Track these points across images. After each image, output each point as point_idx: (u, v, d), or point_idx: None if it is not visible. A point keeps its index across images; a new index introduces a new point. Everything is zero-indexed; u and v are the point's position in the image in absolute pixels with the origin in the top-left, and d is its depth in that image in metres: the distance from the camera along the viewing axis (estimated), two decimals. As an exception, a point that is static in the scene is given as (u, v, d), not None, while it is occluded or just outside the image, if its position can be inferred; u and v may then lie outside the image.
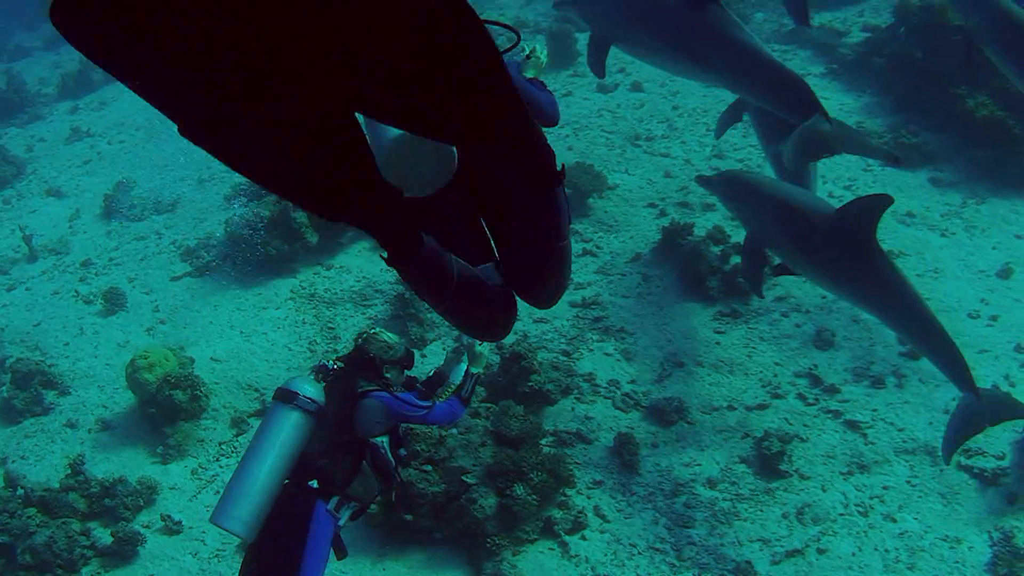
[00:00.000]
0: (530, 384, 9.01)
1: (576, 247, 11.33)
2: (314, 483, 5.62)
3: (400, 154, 3.42)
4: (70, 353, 11.34)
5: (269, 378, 10.13)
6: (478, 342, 6.34)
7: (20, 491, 8.95)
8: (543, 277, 3.74)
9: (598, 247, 11.42)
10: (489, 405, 8.80)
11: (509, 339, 9.78)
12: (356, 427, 5.75)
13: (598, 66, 9.76)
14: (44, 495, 8.87)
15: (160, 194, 14.61)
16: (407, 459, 7.67)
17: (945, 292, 10.09)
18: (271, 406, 5.65)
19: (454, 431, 8.39)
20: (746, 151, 12.81)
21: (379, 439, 5.89)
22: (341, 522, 5.73)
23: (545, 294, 3.85)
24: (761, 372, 9.41)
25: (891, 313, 8.07)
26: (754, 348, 9.69)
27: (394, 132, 3.37)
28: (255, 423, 9.57)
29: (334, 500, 5.66)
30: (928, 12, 13.07)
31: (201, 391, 9.84)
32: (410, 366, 6.21)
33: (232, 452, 9.47)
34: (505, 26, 4.22)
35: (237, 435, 9.66)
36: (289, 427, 5.52)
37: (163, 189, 14.83)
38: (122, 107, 19.43)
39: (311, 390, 5.64)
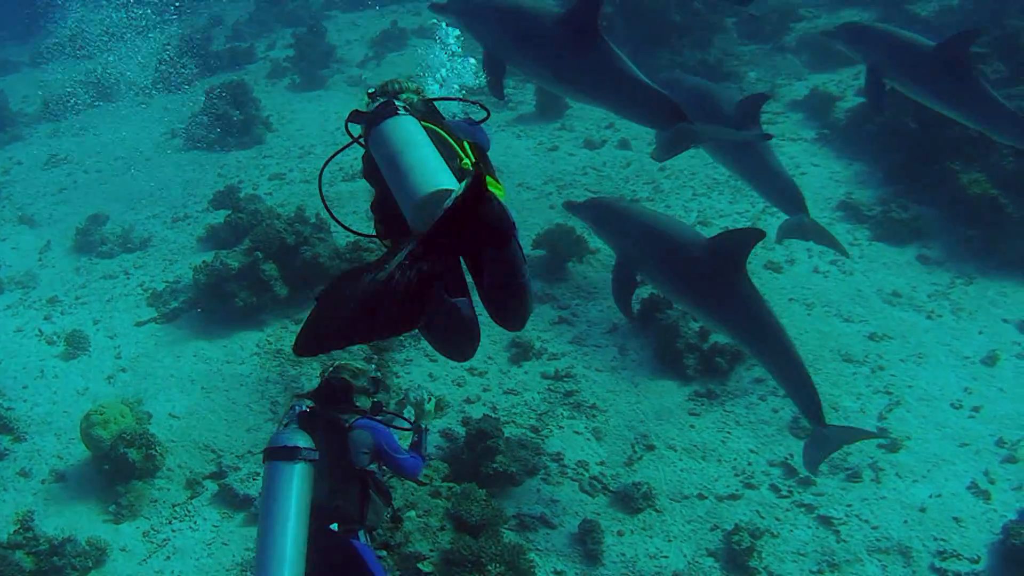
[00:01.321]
0: (495, 466, 8.69)
1: (552, 314, 11.14)
2: (334, 526, 5.65)
3: (424, 208, 4.06)
4: (28, 397, 10.98)
5: (227, 439, 9.80)
6: (427, 398, 6.61)
7: (-37, 548, 8.61)
8: (509, 305, 4.49)
9: (575, 315, 11.14)
10: (451, 485, 8.48)
11: (476, 413, 9.54)
12: (353, 460, 5.81)
13: (495, 87, 10.12)
14: (-12, 554, 8.51)
15: (133, 231, 14.27)
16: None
17: (928, 379, 9.83)
18: (270, 467, 5.54)
19: (411, 513, 8.07)
20: (732, 218, 12.57)
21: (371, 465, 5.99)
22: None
23: (511, 320, 4.58)
24: (735, 459, 9.10)
25: (756, 345, 8.55)
26: (729, 433, 9.40)
27: (420, 193, 4.11)
28: (209, 486, 9.33)
29: (361, 533, 5.76)
30: None
31: (156, 450, 9.47)
32: (378, 390, 6.31)
33: (185, 515, 9.10)
34: (474, 102, 5.51)
35: (191, 497, 9.29)
36: (299, 482, 5.48)
37: (136, 225, 14.51)
38: (103, 134, 19.25)
39: (305, 440, 5.61)
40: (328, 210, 5.06)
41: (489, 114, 5.21)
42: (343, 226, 4.85)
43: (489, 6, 10.08)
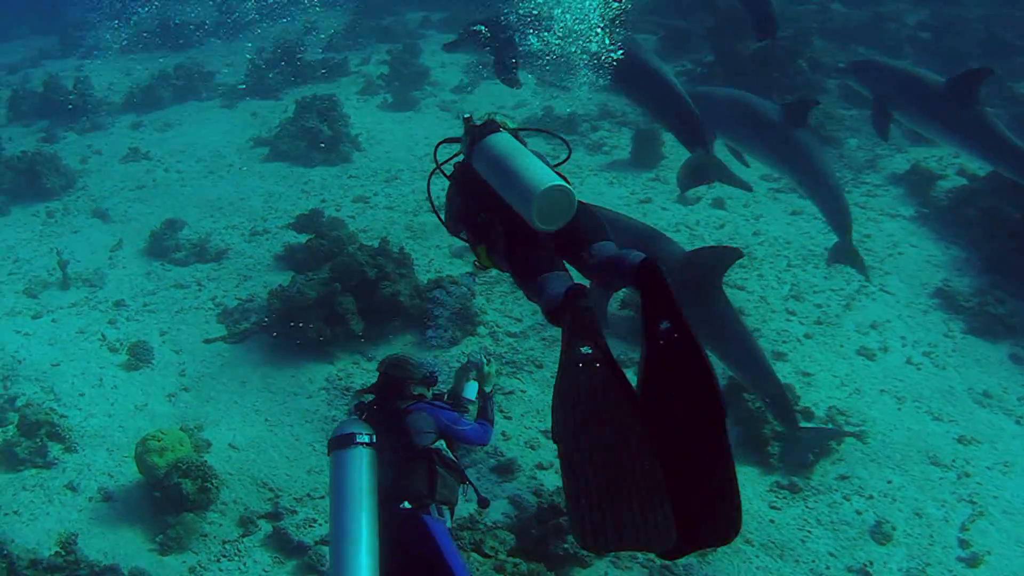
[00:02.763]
0: (565, 546, 8.13)
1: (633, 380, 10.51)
2: (405, 504, 5.93)
3: (546, 204, 4.90)
4: (84, 406, 10.61)
5: (287, 479, 9.32)
6: (485, 361, 7.07)
7: (3, 562, 8.21)
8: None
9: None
10: (516, 561, 7.93)
11: (549, 482, 9.02)
12: (414, 440, 6.13)
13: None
14: (28, 574, 8.12)
15: (209, 240, 13.91)
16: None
17: (1013, 491, 9.19)
18: (334, 457, 5.87)
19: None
20: (826, 294, 12.02)
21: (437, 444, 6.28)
22: (448, 524, 6.05)
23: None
24: (813, 561, 8.48)
25: (732, 359, 9.06)
26: (809, 533, 8.76)
27: (542, 187, 4.90)
28: (264, 526, 8.84)
29: (432, 508, 5.99)
30: None
31: (212, 483, 9.02)
32: (434, 383, 6.75)
33: (235, 555, 8.62)
34: (554, 134, 6.55)
35: (243, 535, 8.79)
36: (359, 466, 5.79)
37: (212, 235, 14.15)
38: (186, 133, 18.99)
39: (362, 427, 5.95)
40: (435, 211, 6.13)
41: (571, 152, 6.09)
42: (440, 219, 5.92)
43: None
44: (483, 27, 10.67)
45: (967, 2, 22.97)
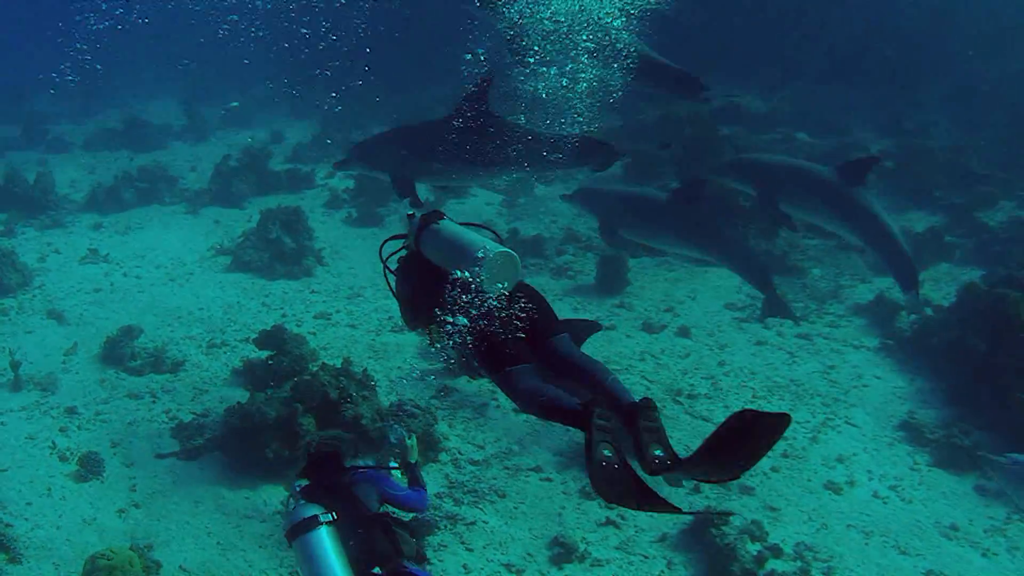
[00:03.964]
0: None
1: (599, 514, 10.35)
2: (376, 570, 6.16)
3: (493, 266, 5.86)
4: (31, 515, 10.24)
5: (238, 607, 9.05)
6: (407, 435, 7.60)
7: None
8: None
9: (622, 517, 10.39)
10: None
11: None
12: (366, 507, 6.53)
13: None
14: None
15: (166, 350, 13.66)
16: None
17: (980, 626, 9.12)
18: (299, 543, 6.15)
19: None
20: (791, 427, 11.91)
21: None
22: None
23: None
24: None
25: None
26: None
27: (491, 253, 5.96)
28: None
29: (405, 563, 6.28)
30: (997, 300, 12.47)
31: (160, 609, 8.76)
32: (358, 452, 7.71)
33: None
34: (493, 231, 6.91)
35: (190, 664, 8.53)
36: (330, 543, 6.09)
37: (170, 345, 13.91)
38: (147, 237, 18.87)
39: (317, 508, 6.28)
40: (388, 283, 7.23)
41: (502, 240, 6.74)
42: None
43: None
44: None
45: (932, 132, 23.58)
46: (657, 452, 5.13)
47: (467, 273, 5.93)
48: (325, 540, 6.06)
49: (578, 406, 5.24)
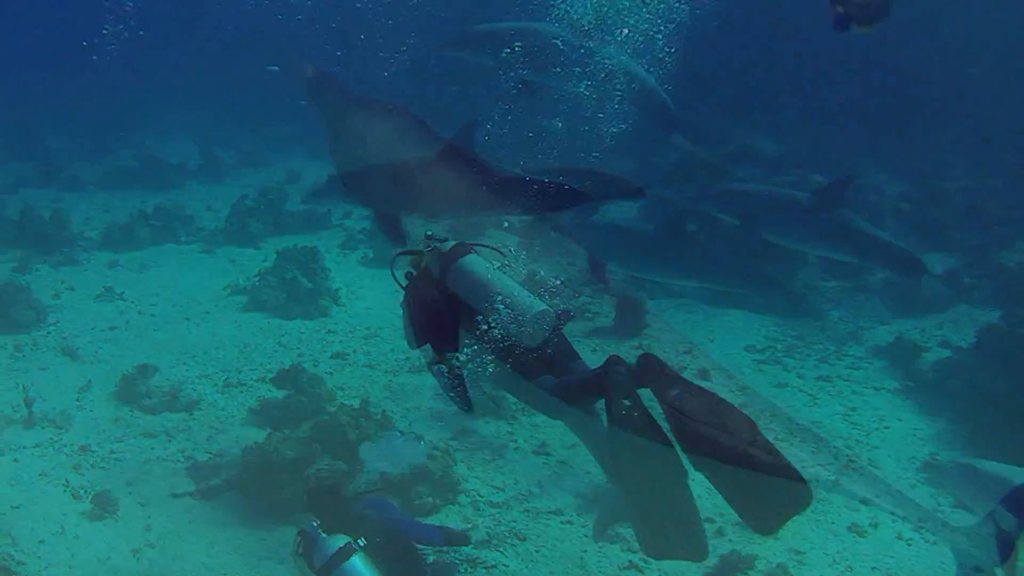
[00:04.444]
0: None
1: (622, 558, 10.20)
2: None
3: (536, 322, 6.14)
4: (44, 554, 10.07)
5: (255, 653, 8.91)
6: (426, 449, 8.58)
7: None
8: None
9: (645, 561, 10.19)
10: None
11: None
12: (388, 528, 6.98)
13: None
14: None
15: (181, 389, 13.55)
16: None
17: None
18: (337, 573, 6.50)
19: None
20: (814, 470, 11.84)
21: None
22: None
23: None
24: None
25: None
26: None
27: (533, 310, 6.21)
28: None
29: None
30: (1020, 341, 12.48)
31: (174, 653, 8.62)
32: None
33: None
34: (499, 251, 7.45)
35: None
36: (367, 568, 6.45)
37: (185, 384, 13.79)
38: (163, 276, 18.80)
39: (344, 538, 6.67)
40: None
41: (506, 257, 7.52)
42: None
43: None
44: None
45: (948, 174, 23.63)
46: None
47: (505, 327, 6.26)
48: (362, 568, 6.39)
49: (597, 369, 5.75)
